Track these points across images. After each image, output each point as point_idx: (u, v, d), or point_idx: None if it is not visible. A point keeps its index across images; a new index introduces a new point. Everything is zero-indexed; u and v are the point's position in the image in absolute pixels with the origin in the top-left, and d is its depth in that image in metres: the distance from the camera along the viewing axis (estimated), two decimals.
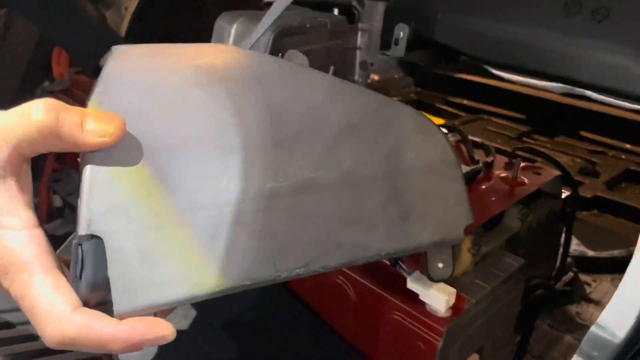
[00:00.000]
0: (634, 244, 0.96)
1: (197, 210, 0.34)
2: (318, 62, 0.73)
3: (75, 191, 1.02)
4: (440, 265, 0.46)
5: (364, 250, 0.41)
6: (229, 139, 0.36)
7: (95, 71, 1.00)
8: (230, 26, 0.75)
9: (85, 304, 0.32)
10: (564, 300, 0.86)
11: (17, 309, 0.34)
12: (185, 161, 0.34)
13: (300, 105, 0.39)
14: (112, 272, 0.32)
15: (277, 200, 0.37)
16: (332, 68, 0.58)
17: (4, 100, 1.22)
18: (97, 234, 0.32)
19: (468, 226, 0.48)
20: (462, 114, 1.68)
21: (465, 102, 1.74)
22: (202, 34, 1.04)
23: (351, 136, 0.40)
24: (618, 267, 0.96)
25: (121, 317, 0.32)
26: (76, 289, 0.32)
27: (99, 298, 0.32)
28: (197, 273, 0.34)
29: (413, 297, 0.52)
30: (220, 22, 0.77)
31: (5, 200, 0.32)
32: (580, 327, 0.82)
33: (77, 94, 1.02)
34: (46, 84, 1.05)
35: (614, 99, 0.46)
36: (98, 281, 0.32)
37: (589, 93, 0.47)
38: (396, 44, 0.62)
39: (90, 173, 0.32)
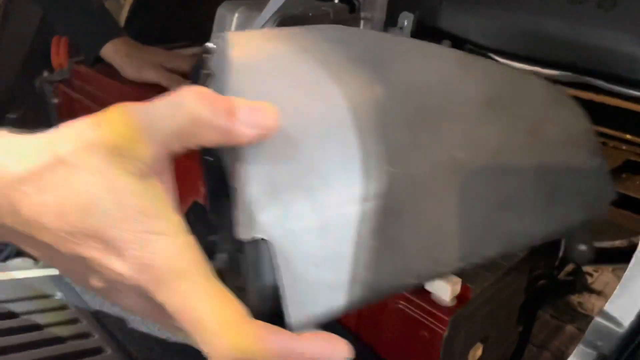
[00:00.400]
0: (636, 234, 0.96)
1: (355, 204, 0.30)
2: None
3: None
4: (583, 247, 0.45)
5: (519, 236, 0.37)
6: (374, 123, 0.31)
7: (96, 61, 0.99)
8: (231, 15, 0.74)
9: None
10: (565, 290, 0.86)
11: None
12: (334, 151, 0.30)
13: (435, 81, 0.35)
14: (285, 280, 0.28)
15: (430, 185, 0.33)
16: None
17: (2, 91, 1.21)
18: (264, 237, 0.28)
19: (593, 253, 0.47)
20: None
21: None
22: (202, 23, 1.04)
23: (491, 112, 0.36)
24: (619, 257, 0.95)
25: (294, 330, 0.28)
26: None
27: (266, 309, 0.29)
28: (367, 273, 0.30)
29: (418, 287, 0.51)
30: (221, 11, 0.76)
31: (154, 203, 0.27)
32: (582, 317, 0.82)
33: (76, 84, 1.01)
34: (45, 74, 1.03)
35: (621, 87, 0.45)
36: (266, 291, 0.28)
37: (595, 81, 0.47)
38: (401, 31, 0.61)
39: (251, 171, 0.28)
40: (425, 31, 0.59)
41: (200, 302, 0.26)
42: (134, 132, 0.27)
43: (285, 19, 0.68)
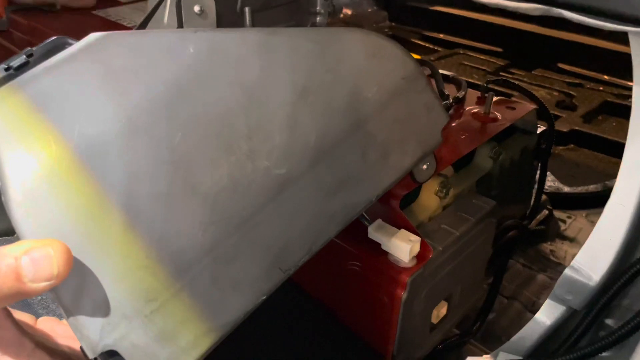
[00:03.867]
0: (610, 178, 0.93)
1: (187, 273, 0.31)
2: None
3: None
4: (425, 167, 0.45)
5: (357, 206, 0.39)
6: (187, 182, 0.31)
7: None
8: None
9: None
10: (537, 238, 0.84)
11: None
12: (156, 223, 0.30)
13: (237, 95, 0.33)
14: None
15: (259, 215, 0.34)
16: (247, 10, 0.52)
17: None
18: (108, 349, 0.29)
19: (435, 169, 0.45)
20: (439, 48, 1.61)
21: (441, 36, 1.67)
22: None
23: (306, 102, 0.35)
24: (594, 202, 0.93)
25: None
26: None
27: None
28: (212, 322, 0.32)
29: (375, 248, 0.48)
30: None
31: None
32: (554, 266, 0.80)
33: (15, 35, 0.93)
34: None
35: (593, 18, 0.40)
36: None
37: (566, 13, 0.42)
38: None
39: (70, 309, 0.28)
40: None
41: None
42: None
43: None
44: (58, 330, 0.35)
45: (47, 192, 0.28)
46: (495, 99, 0.65)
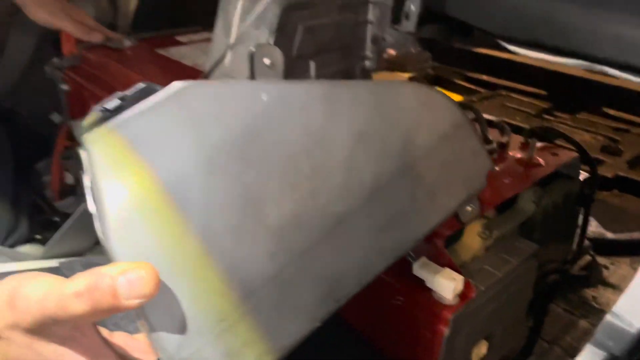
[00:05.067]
0: None
1: (252, 297, 0.34)
2: (328, 37, 0.71)
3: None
4: (469, 208, 0.48)
5: (405, 243, 0.42)
6: (256, 215, 0.35)
7: None
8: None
9: None
10: (579, 284, 0.83)
11: None
12: (228, 251, 0.34)
13: (303, 139, 0.37)
14: None
15: (317, 248, 0.37)
16: (312, 64, 0.56)
17: (15, 76, 1.21)
18: None
19: (480, 210, 0.48)
20: (481, 89, 1.63)
21: (484, 77, 1.69)
22: (211, 6, 1.02)
23: (363, 147, 0.39)
24: (638, 249, 0.92)
25: None
26: None
27: None
28: (272, 344, 0.35)
29: (419, 284, 0.50)
30: None
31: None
32: (596, 312, 0.79)
33: (86, 70, 1.01)
34: (55, 60, 1.03)
35: (635, 76, 0.43)
36: None
37: (609, 70, 0.44)
38: (407, 18, 0.59)
39: (153, 324, 0.32)
40: (433, 17, 0.57)
41: None
42: (41, 319, 0.31)
43: (290, 5, 0.66)
44: (131, 344, 0.39)
45: (138, 221, 0.32)
46: (538, 144, 0.67)
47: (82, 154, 0.36)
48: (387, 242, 0.40)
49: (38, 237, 0.96)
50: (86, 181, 0.36)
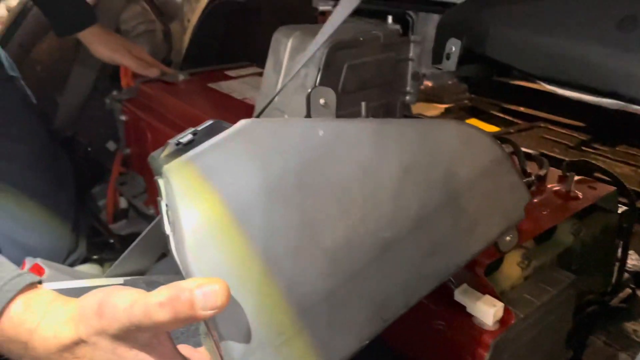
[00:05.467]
0: None
1: (308, 314, 0.38)
2: (370, 74, 0.75)
3: (139, 194, 1.08)
4: (508, 238, 0.51)
5: (447, 269, 0.45)
6: (312, 239, 0.39)
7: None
8: (286, 40, 0.77)
9: None
10: (619, 317, 0.83)
11: None
12: (288, 270, 0.38)
13: (355, 170, 0.41)
14: None
15: (366, 270, 0.41)
16: (363, 104, 0.61)
17: (77, 107, 1.30)
18: None
19: (518, 240, 0.50)
20: (518, 121, 1.64)
21: (521, 109, 1.70)
22: (257, 43, 1.08)
23: (409, 179, 0.43)
24: None
25: None
26: None
27: None
28: (322, 359, 0.39)
29: (460, 310, 0.52)
30: (277, 36, 0.80)
31: None
32: (637, 345, 0.79)
33: (142, 102, 1.08)
34: (114, 92, 1.11)
35: None
36: None
37: None
38: (448, 58, 0.62)
39: (223, 334, 0.35)
40: (472, 58, 0.60)
41: None
42: (127, 326, 0.35)
43: (336, 45, 0.71)
44: (195, 356, 0.43)
45: (211, 242, 0.36)
46: (576, 178, 0.69)
47: (160, 182, 0.41)
48: (431, 267, 0.44)
49: (95, 257, 1.02)
50: (163, 206, 0.40)
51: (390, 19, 0.81)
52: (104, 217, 1.17)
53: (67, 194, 1.02)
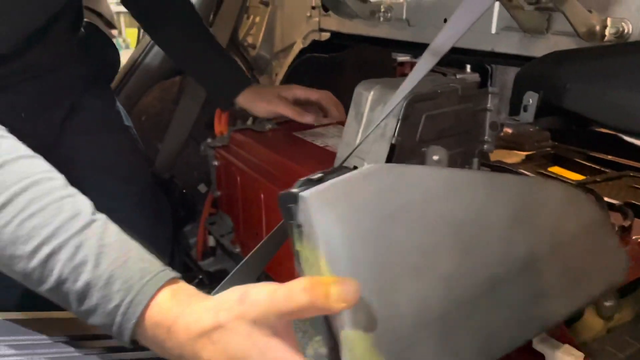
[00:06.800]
0: None
1: (421, 329, 0.41)
2: (448, 124, 0.78)
3: (227, 234, 1.16)
4: (608, 303, 0.54)
5: (552, 316, 0.47)
6: (427, 261, 0.43)
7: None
8: (367, 93, 0.83)
9: None
10: None
11: None
12: (406, 285, 0.42)
13: (470, 214, 0.45)
14: None
15: (476, 303, 0.44)
16: (475, 160, 0.67)
17: (174, 153, 1.43)
18: None
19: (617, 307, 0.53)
20: (606, 169, 1.58)
21: (609, 157, 1.64)
22: (340, 95, 1.15)
23: (517, 226, 0.47)
24: None
25: None
26: None
27: None
28: None
29: (539, 359, 0.53)
30: (359, 89, 0.85)
31: (284, 352, 0.41)
32: None
33: (233, 149, 1.17)
34: (209, 140, 1.21)
35: None
36: None
37: None
38: (525, 110, 0.64)
39: (344, 326, 0.39)
40: (550, 110, 0.62)
41: None
42: (267, 310, 0.40)
43: (415, 97, 0.75)
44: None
45: (346, 253, 0.41)
46: None
47: (290, 227, 0.44)
48: (536, 312, 0.46)
49: None
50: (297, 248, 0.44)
51: (468, 68, 0.84)
52: (194, 254, 1.25)
53: (165, 231, 1.12)
